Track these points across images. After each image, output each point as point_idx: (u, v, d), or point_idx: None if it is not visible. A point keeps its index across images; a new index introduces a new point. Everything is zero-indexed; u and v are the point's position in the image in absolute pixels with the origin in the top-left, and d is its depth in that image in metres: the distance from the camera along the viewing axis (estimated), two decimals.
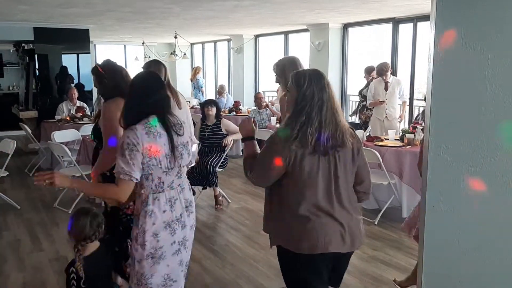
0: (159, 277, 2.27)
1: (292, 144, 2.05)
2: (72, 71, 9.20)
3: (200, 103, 8.82)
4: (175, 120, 2.29)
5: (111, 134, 2.71)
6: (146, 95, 2.21)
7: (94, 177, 2.80)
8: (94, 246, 2.33)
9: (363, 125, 7.08)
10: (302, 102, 2.10)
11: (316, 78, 2.14)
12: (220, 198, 5.50)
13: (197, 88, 11.57)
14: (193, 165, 2.61)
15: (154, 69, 3.76)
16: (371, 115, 7.01)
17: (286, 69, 3.19)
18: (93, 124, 3.16)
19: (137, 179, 2.14)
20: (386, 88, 6.73)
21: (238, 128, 5.39)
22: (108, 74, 2.95)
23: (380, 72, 6.75)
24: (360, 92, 7.34)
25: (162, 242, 2.25)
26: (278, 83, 3.44)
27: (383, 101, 6.71)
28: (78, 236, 2.27)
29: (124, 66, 3.18)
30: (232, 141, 5.54)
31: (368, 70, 7.39)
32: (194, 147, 4.34)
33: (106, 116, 2.79)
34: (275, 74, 3.32)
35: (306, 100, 2.09)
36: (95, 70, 3.00)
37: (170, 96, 3.76)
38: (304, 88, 2.10)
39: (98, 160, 2.90)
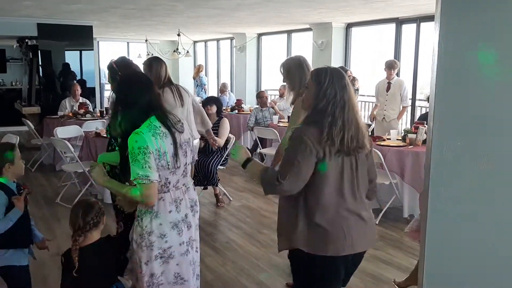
0: (170, 275, 2.27)
1: (326, 145, 2.03)
2: (75, 67, 9.22)
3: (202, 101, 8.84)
4: (175, 118, 2.26)
5: None
6: (139, 97, 2.17)
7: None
8: (91, 238, 2.28)
9: None
10: (323, 100, 2.07)
11: (338, 76, 2.12)
12: (221, 197, 5.51)
13: (199, 86, 11.60)
14: (196, 159, 2.61)
15: (155, 66, 3.78)
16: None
17: (292, 69, 3.19)
18: (109, 120, 3.14)
19: (157, 180, 2.12)
20: (387, 89, 6.70)
21: (226, 134, 5.38)
22: (121, 71, 2.96)
23: (391, 65, 6.65)
24: None
25: (170, 242, 2.24)
26: (285, 83, 3.44)
27: (377, 105, 6.80)
28: (72, 226, 2.26)
29: None
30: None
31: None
32: (196, 142, 4.35)
33: None
34: (282, 73, 3.32)
35: (328, 99, 2.06)
36: (110, 66, 3.05)
37: (169, 92, 3.78)
38: (325, 85, 2.08)
39: None
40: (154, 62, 3.87)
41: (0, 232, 2.48)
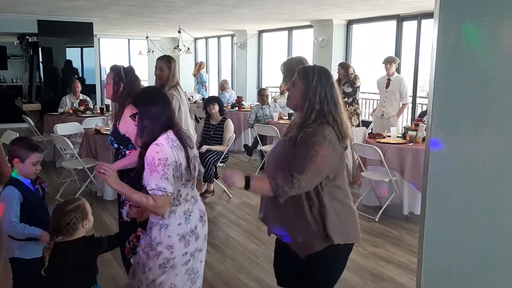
0: (167, 285, 2.30)
1: (343, 142, 2.14)
2: (75, 64, 9.21)
3: (203, 99, 8.83)
4: (186, 134, 2.33)
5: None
6: (162, 111, 2.24)
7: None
8: (74, 235, 2.22)
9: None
10: (315, 98, 2.09)
11: (325, 74, 2.14)
12: (210, 195, 5.53)
13: (200, 83, 11.58)
14: (202, 172, 2.73)
15: (173, 64, 3.98)
16: (354, 110, 6.90)
17: (294, 69, 3.19)
18: (113, 128, 3.08)
19: (171, 193, 2.15)
20: (387, 86, 6.68)
21: (229, 137, 5.41)
22: (127, 78, 3.02)
23: (389, 61, 6.61)
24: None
25: (175, 253, 2.27)
26: (285, 83, 3.44)
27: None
28: (53, 225, 2.22)
29: (128, 60, 3.19)
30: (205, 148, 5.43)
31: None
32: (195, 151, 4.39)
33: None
34: (283, 73, 3.32)
35: (321, 97, 2.09)
36: (117, 69, 3.03)
37: (173, 95, 3.82)
38: (314, 83, 2.10)
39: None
40: (172, 60, 4.03)
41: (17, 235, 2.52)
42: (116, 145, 2.99)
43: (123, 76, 3.00)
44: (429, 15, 7.55)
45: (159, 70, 3.97)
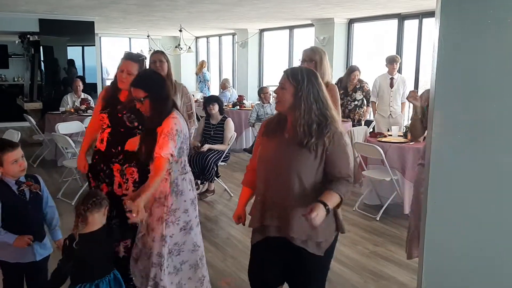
0: (190, 244, 2.67)
1: None
2: (77, 63, 9.22)
3: (204, 97, 8.82)
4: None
5: None
6: (168, 91, 2.62)
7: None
8: (92, 225, 2.33)
9: (357, 123, 6.93)
10: (308, 99, 2.12)
11: (313, 74, 2.20)
12: (211, 194, 5.53)
13: (203, 82, 11.55)
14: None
15: (168, 60, 3.91)
16: (363, 112, 6.92)
17: (324, 58, 3.29)
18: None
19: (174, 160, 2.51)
20: (391, 85, 6.68)
21: (230, 136, 5.43)
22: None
23: (392, 60, 6.61)
24: (346, 94, 6.90)
25: (190, 216, 2.63)
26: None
27: (374, 102, 6.85)
28: (75, 212, 2.35)
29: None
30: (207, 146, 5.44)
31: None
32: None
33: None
34: (305, 60, 3.27)
35: (314, 98, 2.13)
36: (141, 60, 2.97)
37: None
38: (305, 84, 2.13)
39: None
40: (166, 56, 4.02)
41: None
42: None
43: (144, 67, 2.97)
44: (430, 14, 7.54)
45: (159, 62, 3.84)
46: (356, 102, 6.89)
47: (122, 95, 2.96)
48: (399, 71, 7.21)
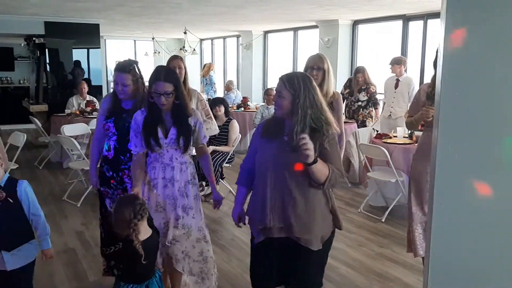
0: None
1: None
2: (82, 65, 9.26)
3: (208, 99, 8.83)
4: None
5: None
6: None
7: None
8: (141, 230, 2.33)
9: (361, 124, 6.90)
10: (305, 105, 2.19)
11: (308, 79, 2.26)
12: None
13: (209, 84, 11.55)
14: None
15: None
16: (368, 113, 6.88)
17: (330, 67, 3.31)
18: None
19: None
20: (396, 87, 6.65)
21: (234, 138, 5.42)
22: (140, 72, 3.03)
23: (398, 61, 6.59)
24: (352, 94, 6.89)
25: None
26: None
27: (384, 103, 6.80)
28: (126, 218, 2.28)
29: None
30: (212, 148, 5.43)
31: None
32: None
33: None
34: (313, 68, 3.25)
35: (310, 102, 2.20)
36: (132, 70, 2.95)
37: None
38: (302, 90, 2.20)
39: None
40: (185, 62, 4.10)
41: None
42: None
43: (138, 73, 2.96)
44: (435, 15, 7.52)
45: (178, 69, 3.75)
46: (359, 103, 6.82)
47: (124, 103, 3.00)
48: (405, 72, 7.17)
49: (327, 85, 3.24)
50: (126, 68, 2.91)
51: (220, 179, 5.52)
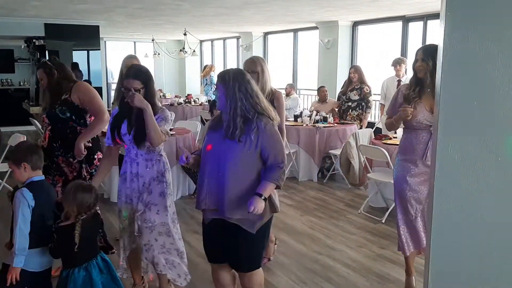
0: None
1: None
2: (82, 67, 9.26)
3: (208, 101, 8.83)
4: None
5: None
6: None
7: None
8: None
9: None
10: (234, 97, 2.37)
11: (240, 73, 2.46)
12: None
13: (209, 84, 11.56)
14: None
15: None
16: (357, 115, 6.82)
17: (264, 68, 3.52)
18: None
19: None
20: (397, 87, 6.63)
21: None
22: (56, 65, 3.58)
23: (399, 62, 6.57)
24: (344, 93, 6.85)
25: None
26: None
27: (383, 105, 6.74)
28: (79, 205, 2.44)
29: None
30: None
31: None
32: None
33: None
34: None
35: (242, 94, 2.38)
36: (42, 64, 3.61)
37: None
38: (231, 84, 2.38)
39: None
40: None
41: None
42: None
43: (50, 65, 3.50)
44: (435, 16, 7.53)
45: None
46: (349, 103, 6.73)
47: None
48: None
49: (262, 84, 3.45)
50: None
51: None
